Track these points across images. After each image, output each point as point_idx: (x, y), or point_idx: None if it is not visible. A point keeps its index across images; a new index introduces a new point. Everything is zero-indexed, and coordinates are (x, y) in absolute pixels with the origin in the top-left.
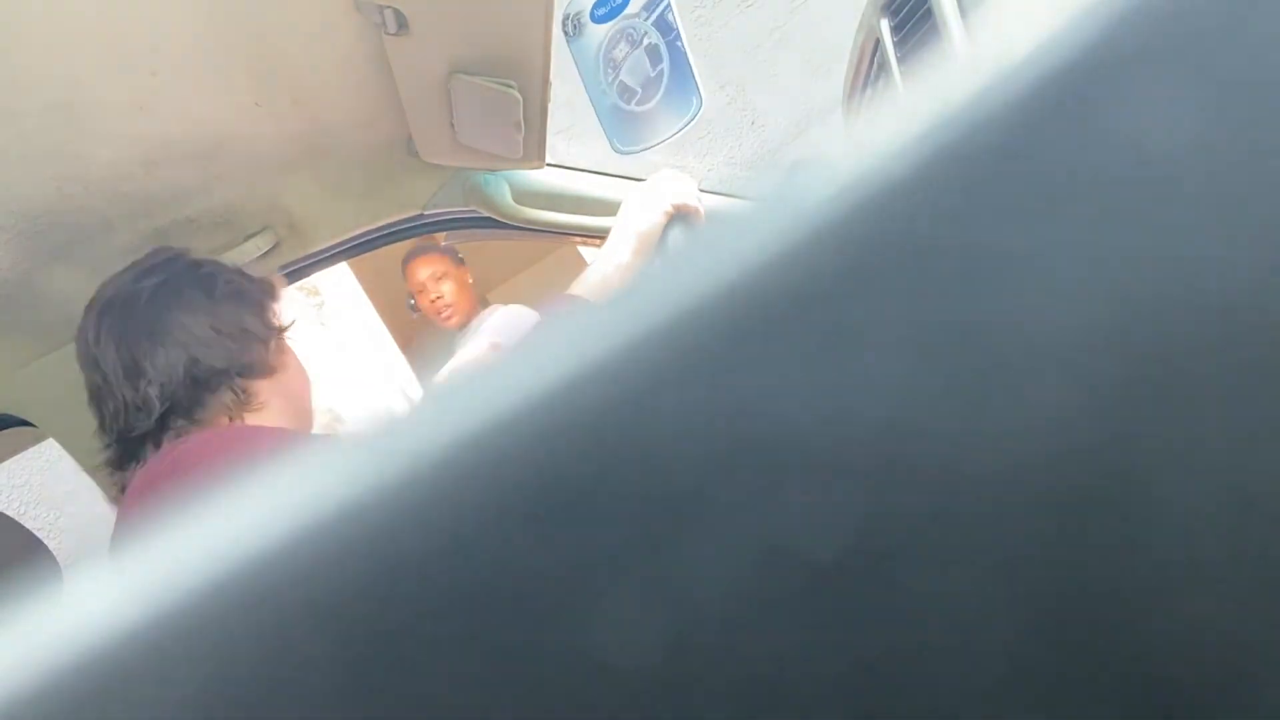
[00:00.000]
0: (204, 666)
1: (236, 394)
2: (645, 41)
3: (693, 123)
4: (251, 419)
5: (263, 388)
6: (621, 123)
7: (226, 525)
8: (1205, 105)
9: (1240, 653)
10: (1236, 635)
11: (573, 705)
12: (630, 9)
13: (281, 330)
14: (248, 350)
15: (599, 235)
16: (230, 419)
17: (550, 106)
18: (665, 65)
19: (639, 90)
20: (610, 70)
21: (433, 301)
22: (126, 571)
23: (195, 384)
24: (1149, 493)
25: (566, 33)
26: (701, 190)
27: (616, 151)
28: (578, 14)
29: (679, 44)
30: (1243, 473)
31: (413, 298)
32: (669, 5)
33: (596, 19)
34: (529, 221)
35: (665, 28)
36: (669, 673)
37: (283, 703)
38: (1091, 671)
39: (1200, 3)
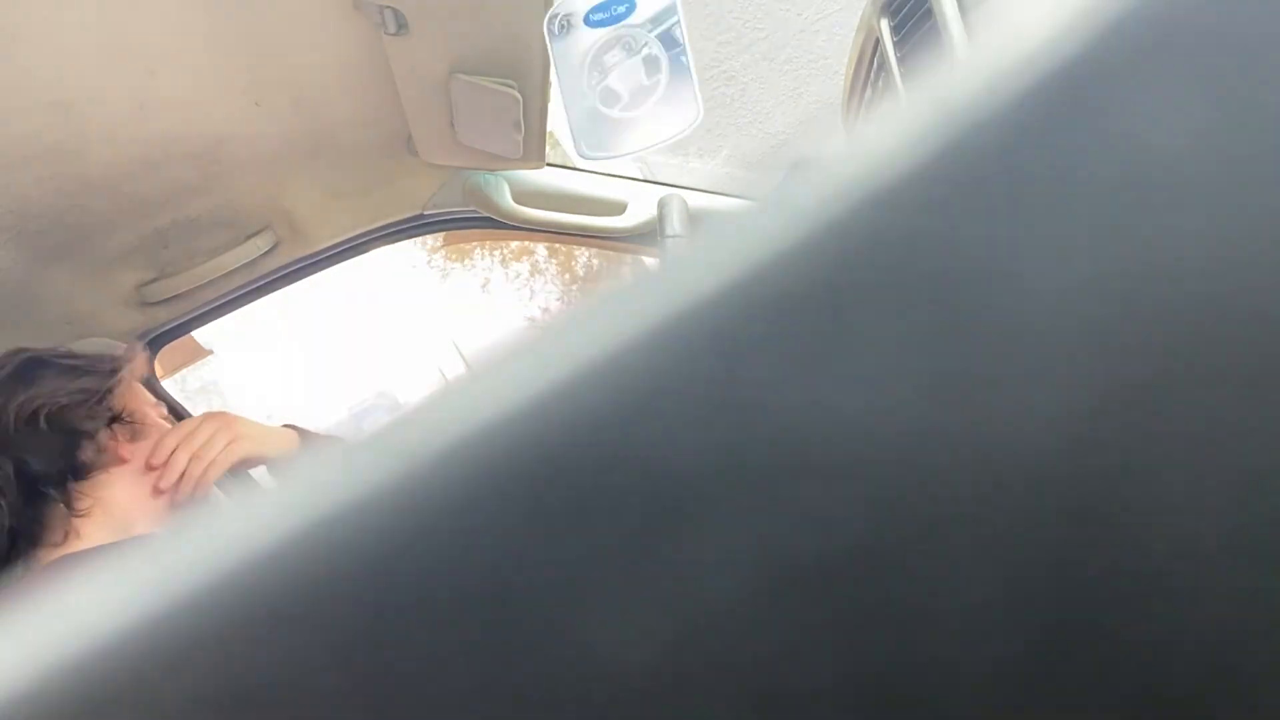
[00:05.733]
0: (205, 666)
1: (68, 504)
2: (644, 51)
3: (687, 133)
4: (103, 519)
5: (95, 485)
6: (594, 127)
7: (227, 524)
8: (1205, 105)
9: (1241, 652)
10: (1237, 635)
11: (573, 705)
12: (633, 19)
13: (117, 419)
14: (76, 447)
15: (599, 235)
16: (65, 535)
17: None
18: (663, 76)
19: (625, 97)
20: (596, 74)
21: None
22: (128, 571)
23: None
24: (1149, 493)
25: (552, 32)
26: (702, 190)
27: (581, 156)
28: (568, 15)
29: (683, 59)
30: (1243, 472)
31: None
32: (678, 21)
33: (591, 23)
34: (529, 221)
35: (670, 42)
36: (669, 672)
37: (284, 702)
38: (1092, 671)
39: (1200, 3)
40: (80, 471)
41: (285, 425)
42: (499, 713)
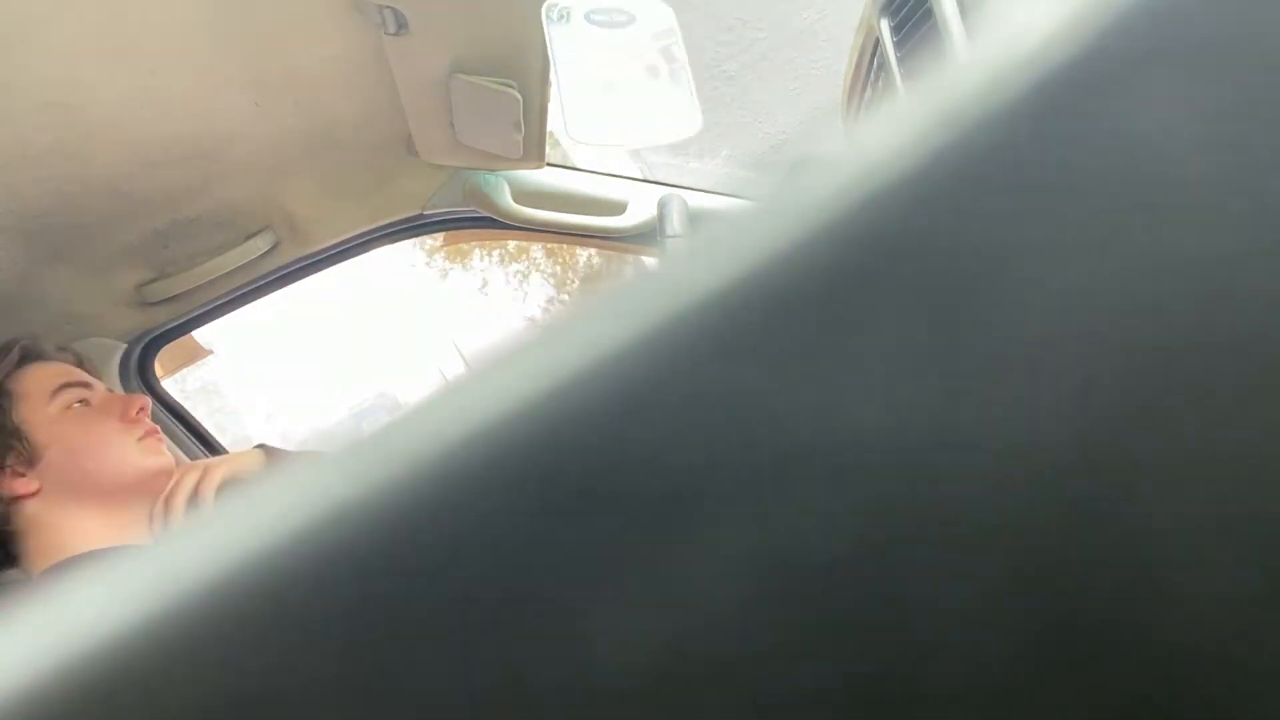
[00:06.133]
0: (204, 668)
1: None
2: (643, 60)
3: (678, 139)
4: (56, 545)
5: (32, 512)
6: (587, 111)
7: (226, 525)
8: (1206, 105)
9: (1242, 653)
10: (1239, 636)
11: (573, 705)
12: (636, 33)
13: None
14: None
15: (599, 235)
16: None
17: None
18: (661, 83)
19: (621, 90)
20: (593, 64)
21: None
22: (128, 571)
23: None
24: (1150, 495)
25: (550, 18)
26: (702, 190)
27: (570, 136)
28: (568, 8)
29: (681, 73)
30: (1245, 474)
31: None
32: (676, 41)
33: (592, 21)
34: (529, 221)
35: (669, 58)
36: (670, 672)
37: (283, 704)
38: (1093, 672)
39: (1200, 3)
40: None
41: (257, 446)
42: (499, 713)
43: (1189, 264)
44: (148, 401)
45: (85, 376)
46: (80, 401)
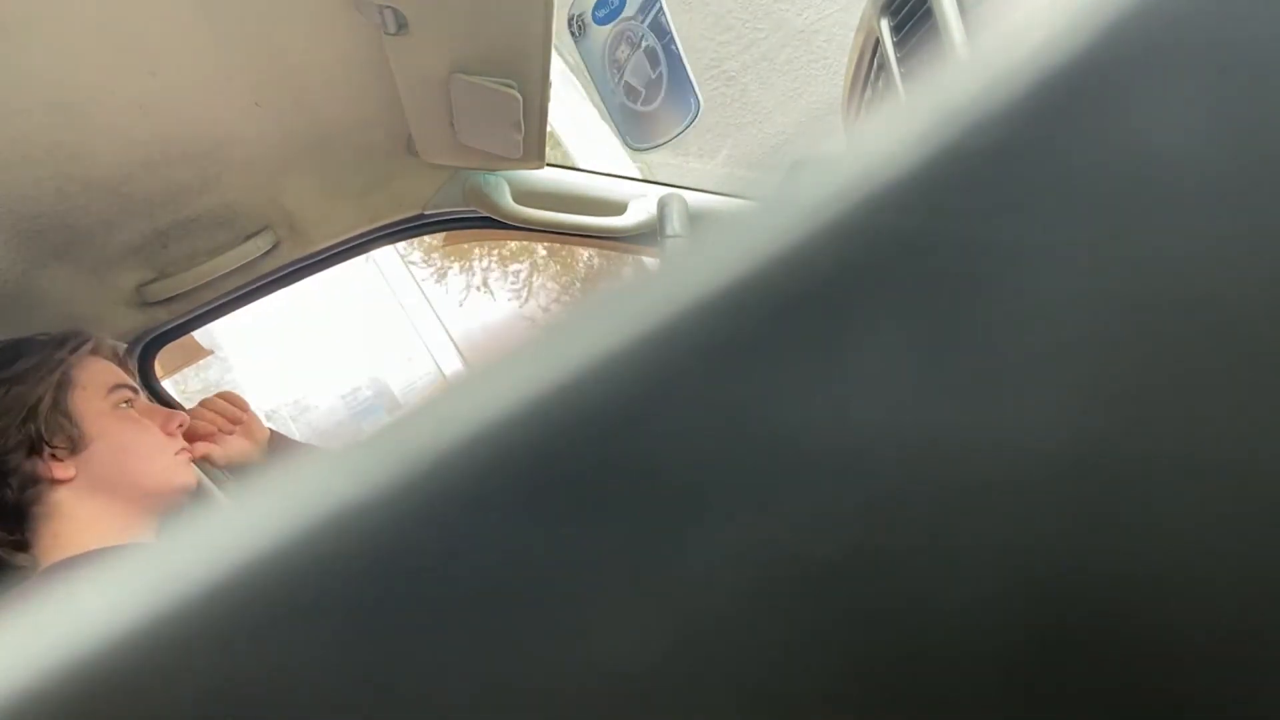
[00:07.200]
0: (207, 668)
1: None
2: (644, 44)
3: (692, 124)
4: (68, 536)
5: (58, 499)
6: (630, 121)
7: (227, 525)
8: (1206, 104)
9: (1243, 652)
10: (1239, 635)
11: (574, 705)
12: (627, 11)
13: (40, 441)
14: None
15: (599, 235)
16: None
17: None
18: (663, 68)
19: (643, 91)
20: (615, 71)
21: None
22: (128, 571)
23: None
24: (1151, 493)
25: (573, 33)
26: (702, 190)
27: (629, 148)
28: (581, 14)
29: (674, 47)
30: (1245, 473)
31: None
32: (661, 8)
33: (598, 20)
34: (529, 221)
35: (660, 31)
36: (670, 671)
37: (284, 704)
38: (1094, 672)
39: (1201, 3)
40: (18, 515)
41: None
42: (499, 713)
43: (1189, 263)
44: (187, 419)
45: (132, 382)
46: (126, 402)
